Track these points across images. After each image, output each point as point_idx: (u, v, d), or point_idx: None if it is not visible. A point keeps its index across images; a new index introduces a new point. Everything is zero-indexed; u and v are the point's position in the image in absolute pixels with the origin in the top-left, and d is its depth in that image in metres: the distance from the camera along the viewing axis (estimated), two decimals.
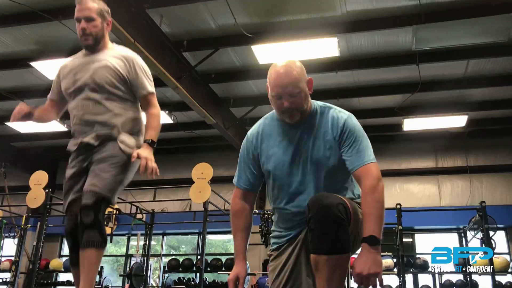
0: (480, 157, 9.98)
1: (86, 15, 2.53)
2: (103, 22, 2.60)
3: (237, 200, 2.19)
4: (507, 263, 7.80)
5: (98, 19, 2.57)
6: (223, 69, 7.78)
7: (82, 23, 2.54)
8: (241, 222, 2.16)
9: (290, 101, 1.93)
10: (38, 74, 7.56)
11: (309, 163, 1.98)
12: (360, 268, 1.70)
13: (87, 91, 2.53)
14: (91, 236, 2.30)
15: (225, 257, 8.83)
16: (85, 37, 2.55)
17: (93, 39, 2.56)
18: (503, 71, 7.61)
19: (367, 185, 1.84)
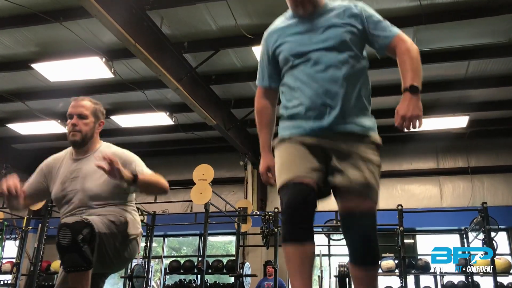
0: (481, 158, 9.96)
1: (79, 112, 2.46)
2: (96, 123, 2.51)
3: (261, 99, 2.22)
4: (509, 264, 7.76)
5: (90, 118, 2.48)
6: (223, 70, 7.78)
7: (74, 119, 2.45)
8: (266, 118, 2.21)
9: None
10: (39, 76, 7.57)
11: (328, 45, 1.99)
12: (404, 111, 1.87)
13: (77, 203, 2.40)
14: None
15: (226, 258, 8.81)
16: (73, 133, 2.44)
17: (81, 137, 2.45)
18: (504, 72, 7.60)
19: (403, 48, 1.98)
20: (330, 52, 1.98)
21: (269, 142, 2.19)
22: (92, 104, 2.52)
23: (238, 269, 7.57)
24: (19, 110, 9.05)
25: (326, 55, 1.97)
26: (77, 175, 2.44)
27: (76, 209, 2.40)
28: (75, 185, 2.42)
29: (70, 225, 2.12)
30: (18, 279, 7.60)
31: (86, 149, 2.49)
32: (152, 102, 8.24)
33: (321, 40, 1.99)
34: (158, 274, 10.89)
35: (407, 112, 1.87)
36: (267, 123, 2.21)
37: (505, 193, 9.65)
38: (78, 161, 2.49)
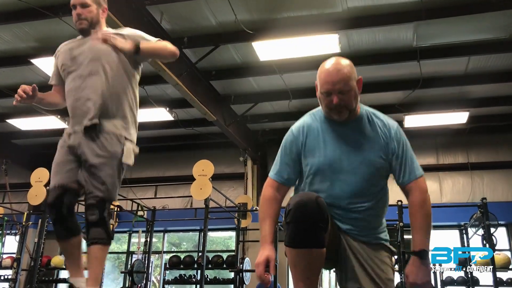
0: (481, 153, 9.96)
1: (81, 1, 2.55)
2: (99, 9, 2.61)
3: (270, 189, 2.11)
4: (508, 259, 7.79)
5: (93, 5, 2.58)
6: (223, 66, 7.77)
7: (78, 9, 2.55)
8: (272, 210, 2.10)
9: (340, 98, 1.92)
10: (38, 71, 7.56)
11: (358, 162, 1.96)
12: (414, 279, 1.90)
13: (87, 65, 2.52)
14: (97, 233, 2.36)
15: (226, 254, 8.83)
16: (80, 21, 2.56)
17: (88, 23, 2.56)
18: (504, 68, 7.59)
19: (417, 199, 1.96)
20: (357, 173, 1.96)
21: (271, 235, 2.10)
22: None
23: (238, 264, 7.59)
24: (19, 105, 9.02)
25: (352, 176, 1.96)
26: (86, 43, 2.56)
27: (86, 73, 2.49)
28: (83, 48, 2.54)
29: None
30: (19, 274, 7.62)
31: (94, 33, 2.59)
32: (152, 97, 8.23)
33: (350, 159, 1.97)
34: (158, 270, 10.92)
35: (417, 279, 1.89)
36: (272, 215, 2.10)
37: (505, 189, 9.66)
38: (86, 39, 2.60)
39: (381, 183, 2.01)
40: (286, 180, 2.10)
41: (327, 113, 2.01)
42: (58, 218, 2.41)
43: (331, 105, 1.94)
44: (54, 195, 2.41)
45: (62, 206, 2.39)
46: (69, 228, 2.44)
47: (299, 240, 1.78)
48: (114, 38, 2.36)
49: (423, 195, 1.97)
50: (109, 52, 2.48)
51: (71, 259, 2.51)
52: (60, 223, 2.42)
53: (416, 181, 1.98)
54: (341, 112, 1.96)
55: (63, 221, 2.42)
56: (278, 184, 2.10)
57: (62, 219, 2.41)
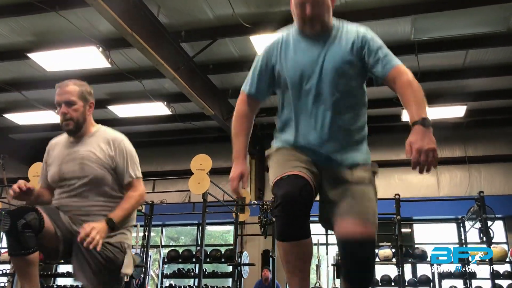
0: (478, 147, 9.99)
1: (66, 99, 2.42)
2: (85, 105, 2.47)
3: (243, 105, 2.16)
4: (505, 252, 7.85)
5: (79, 103, 2.44)
6: (221, 60, 7.75)
7: (63, 107, 2.42)
8: (244, 125, 2.15)
9: (312, 8, 1.94)
10: (35, 66, 7.54)
11: (329, 71, 1.96)
12: (419, 144, 1.72)
13: (73, 185, 2.42)
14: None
15: (225, 248, 8.85)
16: (66, 123, 2.43)
17: (74, 125, 2.43)
18: (502, 61, 7.59)
19: (404, 79, 1.92)
20: (329, 83, 1.95)
21: (244, 150, 2.13)
22: (78, 87, 2.47)
23: (236, 258, 7.61)
24: (16, 100, 9.02)
25: (324, 85, 1.95)
26: (75, 156, 2.43)
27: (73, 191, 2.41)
28: (73, 166, 2.42)
29: (11, 211, 2.18)
30: None
31: (81, 134, 2.48)
32: (149, 92, 8.21)
33: (322, 67, 1.96)
34: (156, 264, 10.95)
35: (423, 145, 1.72)
36: (245, 130, 2.15)
37: (502, 182, 9.69)
38: (75, 144, 2.48)
39: (353, 81, 2.01)
40: (258, 94, 2.13)
41: (300, 26, 2.02)
42: (12, 230, 2.14)
43: (304, 15, 1.96)
44: (18, 208, 2.24)
45: (19, 219, 2.15)
46: (23, 243, 2.17)
47: (289, 234, 1.79)
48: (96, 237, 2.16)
49: (407, 76, 1.92)
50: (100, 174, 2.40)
51: (26, 278, 2.25)
52: (14, 236, 2.16)
53: (397, 67, 1.96)
54: (313, 24, 1.97)
55: (17, 234, 2.15)
56: (250, 97, 2.14)
57: (16, 233, 2.15)
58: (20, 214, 2.16)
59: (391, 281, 8.16)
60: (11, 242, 2.19)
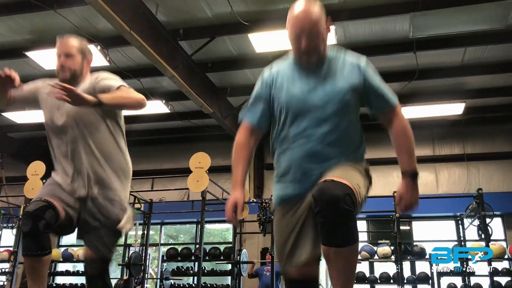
0: (477, 144, 10.00)
1: (65, 51, 2.47)
2: (83, 60, 2.52)
3: (243, 134, 2.16)
4: (503, 249, 7.86)
5: (78, 56, 2.49)
6: (219, 58, 7.75)
7: (62, 58, 2.47)
8: (244, 153, 2.14)
9: (308, 41, 1.96)
10: (33, 64, 7.52)
11: (327, 99, 1.98)
12: (408, 201, 2.03)
13: (67, 132, 2.44)
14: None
15: (224, 245, 8.86)
16: (63, 71, 2.46)
17: (70, 74, 2.46)
18: (500, 59, 7.60)
19: (399, 125, 2.04)
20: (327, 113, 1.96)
21: (242, 178, 2.12)
22: (78, 42, 2.53)
23: (235, 256, 7.62)
24: None
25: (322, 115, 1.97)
26: (63, 107, 2.42)
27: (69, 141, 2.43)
28: (62, 114, 2.43)
29: (31, 212, 2.22)
30: (16, 268, 7.62)
31: (75, 83, 2.46)
32: (148, 90, 8.20)
33: (319, 98, 1.98)
34: (155, 262, 10.95)
35: (411, 201, 2.03)
36: (244, 159, 2.13)
37: (501, 179, 9.70)
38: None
39: (351, 114, 2.03)
40: (258, 123, 2.13)
41: (297, 57, 2.05)
42: (32, 231, 2.22)
43: (301, 48, 1.97)
44: (36, 206, 2.26)
45: (40, 220, 2.21)
46: (41, 244, 2.27)
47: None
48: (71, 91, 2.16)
49: (403, 122, 2.04)
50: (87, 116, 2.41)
51: (36, 278, 2.30)
52: (32, 237, 2.24)
53: (394, 109, 2.04)
54: (310, 56, 1.99)
55: (36, 235, 2.24)
56: (251, 127, 2.14)
57: (36, 234, 2.23)
58: (40, 215, 2.22)
59: (390, 278, 8.17)
60: (28, 243, 2.25)
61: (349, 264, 1.81)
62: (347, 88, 1.98)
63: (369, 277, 8.52)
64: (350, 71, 2.01)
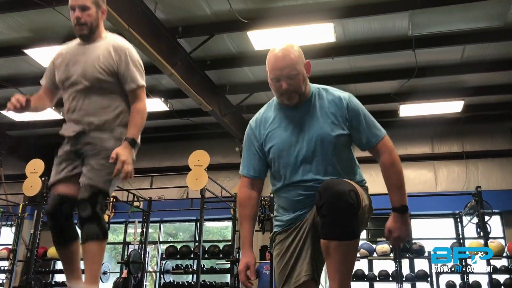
0: (476, 142, 10.00)
1: (80, 3, 2.48)
2: (98, 11, 2.55)
3: (244, 189, 2.17)
4: (502, 247, 7.88)
5: (92, 8, 2.51)
6: (218, 56, 7.74)
7: (77, 11, 2.48)
8: (248, 211, 2.14)
9: (288, 83, 1.98)
10: (32, 62, 7.51)
11: (314, 140, 2.00)
12: (398, 234, 2.00)
13: (78, 85, 2.49)
14: (91, 229, 2.30)
15: (223, 243, 8.87)
16: (80, 27, 2.50)
17: (88, 29, 2.51)
18: (499, 56, 7.59)
19: (387, 159, 2.03)
20: (315, 151, 2.00)
21: (250, 238, 2.14)
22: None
23: (234, 254, 7.62)
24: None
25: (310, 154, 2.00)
26: (81, 58, 2.51)
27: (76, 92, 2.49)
28: (78, 68, 2.50)
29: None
30: (15, 266, 7.64)
31: (92, 39, 2.55)
32: (146, 88, 7.98)
33: (305, 137, 2.02)
34: (154, 260, 10.95)
35: (400, 235, 2.01)
36: (249, 216, 2.14)
37: (499, 177, 9.71)
38: (84, 46, 2.56)
39: (344, 155, 2.06)
40: (257, 174, 2.15)
41: (278, 98, 2.08)
42: (57, 226, 2.38)
43: (281, 90, 2.01)
44: (53, 204, 2.40)
45: (61, 215, 2.37)
46: (67, 235, 2.41)
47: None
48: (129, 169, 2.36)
49: (391, 155, 2.04)
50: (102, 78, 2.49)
51: (69, 264, 2.45)
52: (58, 231, 2.40)
53: (381, 142, 2.05)
54: (291, 97, 2.02)
55: (61, 228, 2.39)
56: (249, 179, 2.16)
57: (61, 227, 2.39)
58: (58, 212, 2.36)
59: (389, 276, 8.19)
60: (57, 234, 2.39)
61: (348, 259, 1.82)
62: (331, 128, 2.01)
63: (368, 275, 8.53)
64: (334, 109, 2.04)
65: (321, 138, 2.00)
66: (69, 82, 2.51)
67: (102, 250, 2.36)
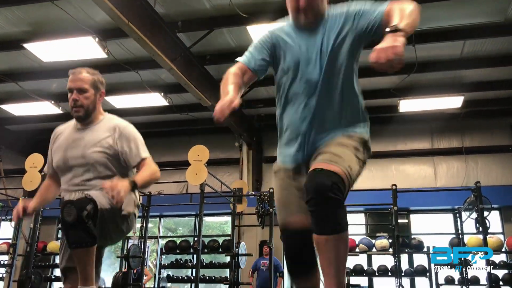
0: (475, 138, 10.00)
1: (78, 86, 2.47)
2: (96, 94, 2.53)
3: (234, 69, 2.10)
4: (501, 242, 7.90)
5: (91, 91, 2.50)
6: (218, 50, 7.72)
7: (74, 94, 2.47)
8: (235, 80, 2.04)
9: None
10: (31, 56, 7.49)
11: (325, 56, 1.97)
12: (381, 45, 1.69)
13: (78, 171, 2.46)
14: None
15: (222, 238, 8.88)
16: (76, 109, 2.48)
17: (84, 111, 2.49)
18: (499, 52, 7.58)
19: (394, 5, 1.88)
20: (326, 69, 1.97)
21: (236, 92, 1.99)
22: (90, 75, 2.52)
23: (234, 248, 7.64)
24: (12, 90, 8.97)
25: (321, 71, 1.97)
26: (79, 143, 2.49)
27: (77, 178, 2.45)
28: (76, 152, 2.47)
29: (74, 202, 2.19)
30: (15, 260, 7.64)
31: (90, 121, 2.54)
32: (146, 82, 8.18)
33: (318, 54, 1.98)
34: (154, 254, 10.98)
35: (381, 56, 1.69)
36: (235, 83, 2.02)
37: (499, 173, 9.71)
38: (81, 131, 2.53)
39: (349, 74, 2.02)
40: (254, 67, 2.08)
41: (294, 17, 2.04)
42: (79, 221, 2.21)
43: (298, 6, 1.97)
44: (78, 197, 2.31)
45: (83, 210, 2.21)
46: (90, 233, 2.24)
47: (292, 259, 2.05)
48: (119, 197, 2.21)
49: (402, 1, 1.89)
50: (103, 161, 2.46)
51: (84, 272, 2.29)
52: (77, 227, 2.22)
53: (389, 5, 1.91)
54: (307, 14, 1.98)
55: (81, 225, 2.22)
56: (245, 68, 2.10)
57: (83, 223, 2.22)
58: (82, 205, 2.21)
59: (388, 271, 8.21)
60: (74, 234, 2.20)
61: (339, 252, 1.81)
62: (341, 42, 1.97)
63: (367, 270, 8.55)
64: (342, 17, 1.99)
65: (333, 53, 1.97)
66: (68, 165, 2.48)
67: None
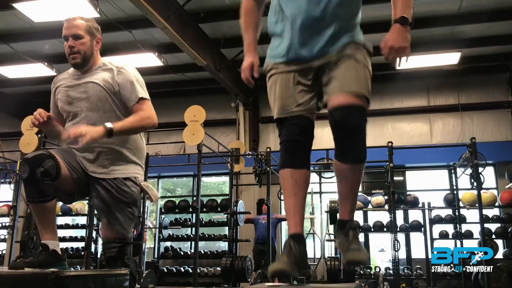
0: (472, 94, 9.99)
1: (73, 33, 2.42)
2: (92, 40, 2.48)
3: (245, 2, 2.19)
4: (494, 197, 8.05)
5: (86, 37, 2.45)
6: (212, 8, 7.58)
7: (70, 40, 2.43)
8: (251, 19, 2.18)
9: None
10: (22, 16, 7.34)
11: None
12: (392, 42, 1.88)
13: (82, 115, 2.45)
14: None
15: (220, 197, 8.99)
16: (73, 56, 2.43)
17: (81, 58, 2.44)
18: (497, 7, 7.48)
19: None
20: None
21: (254, 43, 2.17)
22: (85, 22, 2.48)
23: (232, 207, 7.75)
24: (4, 52, 8.83)
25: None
26: (80, 85, 2.48)
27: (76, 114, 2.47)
28: (79, 92, 2.47)
29: (29, 159, 2.22)
30: (16, 221, 7.73)
31: (88, 68, 2.50)
32: (139, 42, 8.06)
33: None
34: (153, 215, 11.13)
35: (395, 43, 1.87)
36: (253, 24, 2.17)
37: (494, 129, 9.76)
38: (80, 76, 2.51)
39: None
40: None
41: None
42: (32, 177, 2.22)
43: None
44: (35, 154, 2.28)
45: (38, 167, 2.21)
46: (41, 190, 2.25)
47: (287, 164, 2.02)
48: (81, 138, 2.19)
49: None
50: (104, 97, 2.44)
51: (45, 223, 2.33)
52: (31, 184, 2.24)
53: None
54: None
55: (35, 182, 2.23)
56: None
57: (34, 180, 2.22)
58: (38, 162, 2.22)
59: (383, 226, 8.38)
60: (29, 190, 2.26)
61: (359, 178, 2.01)
62: None
63: (363, 226, 8.73)
64: None
65: None
66: (72, 112, 2.50)
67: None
